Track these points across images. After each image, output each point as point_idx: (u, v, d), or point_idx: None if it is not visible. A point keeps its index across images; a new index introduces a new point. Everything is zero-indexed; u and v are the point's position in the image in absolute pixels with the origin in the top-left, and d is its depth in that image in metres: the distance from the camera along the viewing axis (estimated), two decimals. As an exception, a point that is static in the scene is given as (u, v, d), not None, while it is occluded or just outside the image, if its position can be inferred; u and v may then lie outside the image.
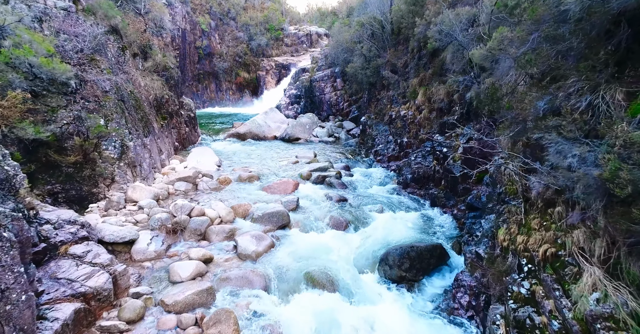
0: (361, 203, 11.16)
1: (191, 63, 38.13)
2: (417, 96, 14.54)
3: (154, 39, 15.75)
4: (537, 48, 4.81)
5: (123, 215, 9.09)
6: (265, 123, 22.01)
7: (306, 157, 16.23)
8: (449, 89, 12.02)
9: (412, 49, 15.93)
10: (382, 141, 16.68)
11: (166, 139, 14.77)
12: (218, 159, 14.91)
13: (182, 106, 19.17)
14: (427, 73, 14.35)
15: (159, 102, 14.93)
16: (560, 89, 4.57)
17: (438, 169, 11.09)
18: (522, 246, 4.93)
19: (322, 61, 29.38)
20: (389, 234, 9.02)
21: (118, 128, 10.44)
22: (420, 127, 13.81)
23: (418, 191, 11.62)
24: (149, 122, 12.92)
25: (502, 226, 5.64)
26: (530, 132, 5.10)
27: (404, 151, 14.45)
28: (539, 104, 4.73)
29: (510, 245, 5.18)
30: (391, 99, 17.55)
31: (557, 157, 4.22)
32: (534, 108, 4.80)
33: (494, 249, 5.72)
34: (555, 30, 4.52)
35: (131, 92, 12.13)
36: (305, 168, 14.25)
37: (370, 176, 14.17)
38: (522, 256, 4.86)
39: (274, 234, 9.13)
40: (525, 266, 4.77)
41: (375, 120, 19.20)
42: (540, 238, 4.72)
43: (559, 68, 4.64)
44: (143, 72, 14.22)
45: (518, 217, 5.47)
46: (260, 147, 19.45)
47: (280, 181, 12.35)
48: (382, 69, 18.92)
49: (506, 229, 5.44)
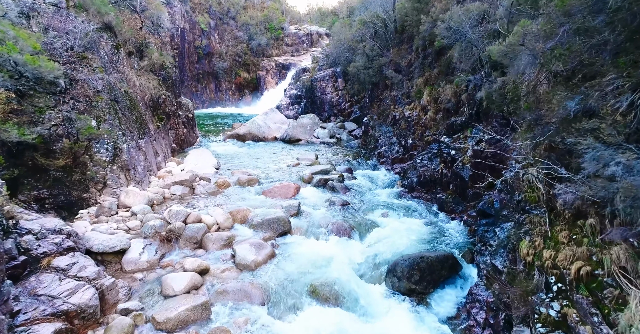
0: (365, 208, 10.67)
1: (190, 63, 37.68)
2: (423, 96, 14.05)
3: (150, 37, 15.28)
4: (567, 42, 4.31)
5: (115, 222, 8.61)
6: (265, 124, 21.53)
7: (307, 160, 15.74)
8: (457, 88, 11.54)
9: (417, 47, 15.44)
10: (386, 143, 16.20)
11: (163, 140, 14.28)
12: (216, 162, 14.42)
13: (180, 106, 18.69)
14: (433, 72, 13.87)
15: (156, 103, 14.46)
16: (595, 87, 4.07)
17: (446, 172, 10.60)
18: (549, 262, 4.43)
19: (323, 61, 28.90)
20: (395, 242, 8.53)
21: (111, 130, 9.96)
22: (426, 129, 13.33)
23: (425, 195, 11.13)
24: (145, 123, 12.44)
25: (524, 238, 5.14)
26: (557, 136, 4.61)
27: (409, 153, 13.96)
28: (568, 105, 4.24)
29: (535, 260, 4.69)
30: (395, 99, 17.06)
31: (594, 164, 3.73)
32: (563, 109, 4.31)
33: (516, 264, 5.22)
34: (588, 22, 4.02)
35: (125, 92, 11.65)
36: (307, 171, 13.77)
37: (374, 179, 13.67)
38: (551, 273, 4.36)
39: (274, 242, 8.65)
40: (554, 284, 4.28)
41: (378, 121, 18.71)
42: (571, 254, 4.23)
43: (593, 64, 4.14)
44: (138, 72, 13.74)
45: (542, 228, 4.98)
46: (260, 148, 18.97)
47: (280, 185, 11.87)
48: (385, 68, 18.43)
49: (530, 242, 4.95)
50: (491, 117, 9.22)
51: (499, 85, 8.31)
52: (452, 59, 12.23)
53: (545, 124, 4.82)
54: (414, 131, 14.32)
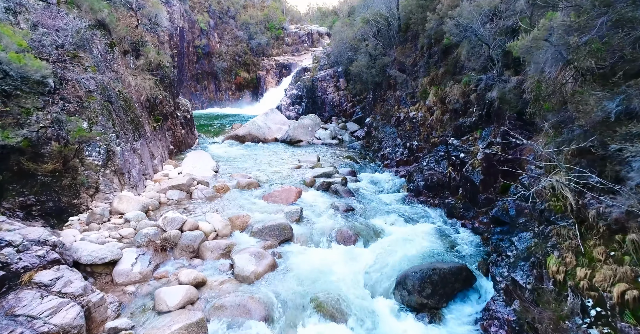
0: (370, 213, 10.19)
1: (189, 62, 37.22)
2: (428, 96, 13.59)
3: (147, 35, 14.81)
4: (606, 35, 3.83)
5: (107, 229, 8.13)
6: (266, 125, 21.06)
7: (309, 162, 15.27)
8: (465, 88, 11.07)
9: (422, 46, 14.98)
10: (390, 144, 15.72)
11: (159, 142, 13.81)
12: (215, 164, 13.95)
13: (178, 106, 18.22)
14: (439, 72, 13.39)
15: (152, 103, 13.99)
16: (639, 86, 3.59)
17: (454, 176, 10.12)
18: (585, 283, 3.96)
19: (324, 60, 28.43)
20: (403, 251, 8.05)
21: (103, 132, 9.49)
22: (432, 130, 12.86)
23: (432, 200, 10.65)
24: (140, 124, 11.97)
25: (551, 252, 4.66)
26: (591, 140, 4.13)
27: (414, 155, 13.48)
28: (608, 106, 3.76)
29: (567, 279, 4.21)
30: (399, 99, 16.59)
31: (644, 174, 3.25)
32: (601, 110, 3.83)
33: (542, 281, 4.75)
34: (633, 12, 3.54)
35: (120, 92, 11.18)
36: (309, 174, 13.29)
37: (379, 183, 13.20)
38: (587, 295, 3.88)
39: (275, 251, 8.17)
40: (592, 308, 3.80)
41: (381, 121, 18.24)
42: (611, 274, 3.75)
43: (636, 60, 3.66)
44: (134, 71, 13.27)
45: (572, 242, 4.50)
46: (260, 150, 18.49)
47: (282, 189, 11.39)
48: (389, 67, 17.97)
49: (559, 257, 4.47)
50: (503, 118, 8.75)
51: (513, 84, 7.84)
52: (459, 58, 11.77)
53: (577, 127, 4.34)
54: (419, 132, 13.85)
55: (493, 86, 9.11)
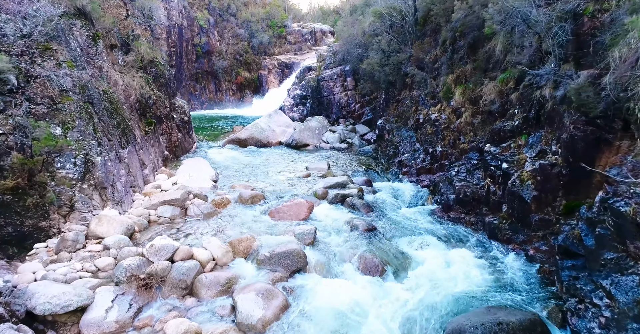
0: (395, 234, 8.69)
1: (188, 62, 35.77)
2: (453, 96, 12.07)
3: (138, 28, 13.33)
4: None
5: (80, 260, 6.63)
6: (269, 127, 19.56)
7: (319, 169, 13.77)
8: (503, 87, 9.56)
9: (444, 40, 13.46)
10: (408, 150, 14.21)
11: (152, 148, 12.31)
12: (214, 173, 12.44)
13: (174, 108, 16.72)
14: (466, 68, 11.88)
15: (144, 105, 12.49)
16: None
17: (494, 189, 8.61)
18: None
19: (330, 59, 26.94)
20: (446, 286, 6.55)
21: (81, 138, 8.00)
22: (460, 134, 11.34)
23: (466, 217, 9.14)
24: (129, 129, 10.48)
25: None
26: None
27: (439, 163, 11.97)
28: None
29: None
30: (416, 99, 15.09)
31: None
32: None
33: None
34: None
35: (104, 92, 9.69)
36: (320, 184, 11.78)
37: (399, 194, 11.69)
38: None
39: (286, 286, 6.67)
40: None
41: (395, 124, 16.74)
42: None
43: None
44: (123, 68, 11.78)
45: None
46: (263, 155, 16.99)
47: (290, 203, 9.89)
48: (404, 65, 16.47)
49: None
50: (560, 121, 7.23)
51: (583, 80, 6.32)
52: (493, 52, 10.25)
53: None
54: (442, 137, 12.34)
55: (546, 82, 7.60)
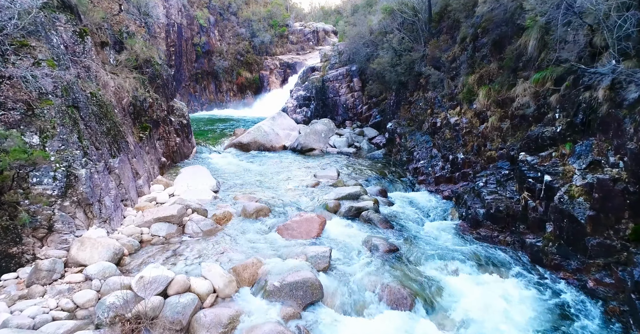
0: (420, 256, 7.64)
1: (188, 62, 34.80)
2: (477, 98, 11.03)
3: (132, 24, 12.30)
4: None
5: (55, 294, 5.59)
6: (273, 131, 18.53)
7: (328, 177, 12.73)
8: (539, 87, 8.53)
9: (464, 37, 12.44)
10: (424, 156, 13.17)
11: (147, 156, 11.28)
12: (215, 182, 11.40)
13: (172, 110, 15.71)
14: (491, 67, 10.85)
15: (139, 108, 11.46)
16: None
17: (534, 205, 7.56)
18: None
19: (335, 58, 25.90)
20: (489, 325, 5.51)
21: (63, 148, 6.98)
22: (486, 140, 10.31)
23: (500, 236, 8.09)
24: (121, 135, 9.46)
25: None
26: None
27: (461, 172, 10.92)
28: None
29: None
30: (432, 102, 14.05)
31: None
32: None
33: None
34: None
35: (92, 95, 8.67)
36: (331, 194, 10.74)
37: (418, 206, 10.65)
38: None
39: (300, 325, 5.63)
40: None
41: (408, 127, 15.70)
42: None
43: None
44: (115, 68, 10.76)
45: None
46: (267, 161, 15.96)
47: (300, 218, 8.85)
48: (418, 65, 15.44)
49: None
50: (618, 129, 6.19)
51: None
52: (525, 49, 9.22)
53: None
54: (464, 143, 11.30)
55: (599, 83, 6.56)
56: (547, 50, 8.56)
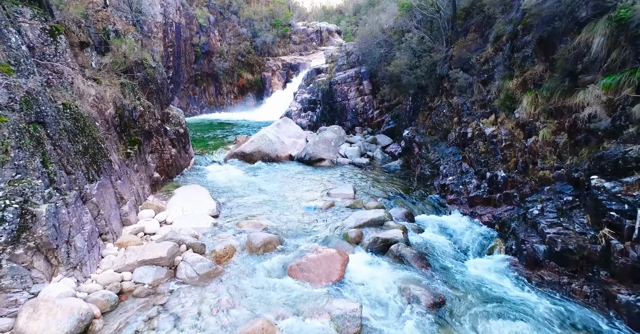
0: (475, 313, 6.04)
1: (187, 63, 33.25)
2: (519, 106, 9.44)
3: (120, 22, 10.72)
4: None
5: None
6: (278, 139, 16.95)
7: (343, 196, 11.15)
8: (613, 95, 6.94)
9: (499, 35, 10.85)
10: (452, 171, 11.57)
11: (136, 175, 9.69)
12: (215, 205, 9.80)
13: (168, 118, 14.15)
14: (536, 70, 9.26)
15: (127, 119, 9.90)
16: None
17: (621, 247, 5.96)
18: None
19: (343, 59, 24.33)
20: None
21: (19, 178, 5.44)
22: (536, 157, 8.70)
23: (572, 284, 6.47)
24: (102, 154, 7.88)
25: None
26: None
27: (503, 193, 9.32)
28: None
29: None
30: (458, 108, 12.46)
31: None
32: None
33: None
34: None
35: (65, 107, 7.11)
36: (350, 219, 9.16)
37: (453, 234, 9.05)
38: None
39: None
40: None
41: (429, 136, 14.11)
42: None
43: None
44: (98, 73, 9.18)
45: None
46: (273, 174, 14.38)
47: (317, 255, 7.27)
48: (440, 67, 13.86)
49: None
50: None
51: None
52: (586, 48, 7.63)
53: None
54: (504, 158, 9.70)
55: None
56: (620, 49, 6.98)
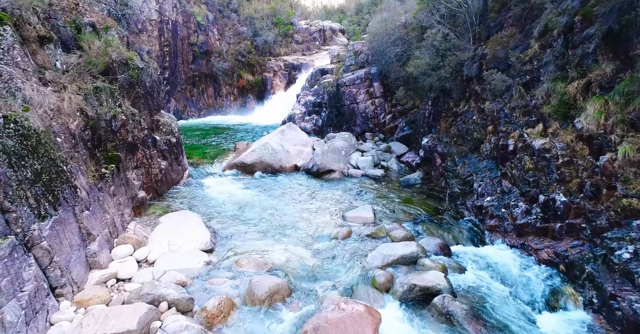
0: None
1: (184, 63, 31.53)
2: (585, 113, 7.68)
3: (93, 13, 8.98)
4: None
5: None
6: (282, 148, 15.20)
7: (362, 220, 9.41)
8: None
9: (549, 29, 9.11)
10: (490, 190, 9.82)
11: (112, 200, 7.93)
12: (208, 236, 8.03)
13: (158, 127, 12.43)
14: (606, 69, 7.52)
15: (103, 130, 8.16)
16: None
17: None
18: None
19: (351, 59, 22.58)
20: None
21: None
22: (613, 180, 6.94)
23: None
24: (63, 179, 6.15)
25: None
26: None
27: (565, 223, 7.56)
28: None
29: None
30: (493, 115, 10.71)
31: None
32: None
33: None
34: None
35: (8, 121, 5.39)
36: (375, 256, 7.42)
37: (504, 275, 7.28)
38: None
39: None
40: None
41: (455, 146, 12.37)
42: None
43: None
44: (63, 75, 7.43)
45: None
46: (277, 189, 12.63)
47: (340, 314, 5.53)
48: (468, 67, 12.12)
49: None
50: None
51: None
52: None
53: None
54: (561, 178, 7.94)
55: None
56: None
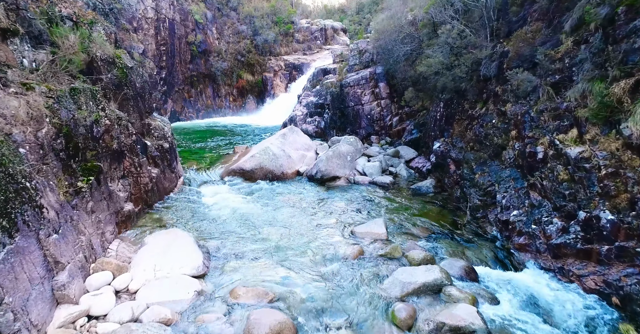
0: None
1: (182, 62, 30.54)
2: (633, 118, 6.68)
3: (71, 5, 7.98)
4: None
5: None
6: (284, 152, 14.19)
7: (373, 236, 8.40)
8: None
9: (584, 22, 8.12)
10: (516, 202, 8.81)
11: (90, 218, 6.91)
12: (200, 259, 7.00)
13: (149, 131, 11.43)
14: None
15: (82, 137, 7.14)
16: None
17: None
18: None
19: (355, 59, 21.57)
20: None
21: None
22: (669, 198, 5.94)
23: None
24: (22, 199, 5.14)
25: None
26: None
27: (615, 246, 6.54)
28: None
29: None
30: (517, 118, 9.70)
31: None
32: None
33: None
34: None
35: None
36: (392, 283, 6.41)
37: (541, 306, 6.26)
38: None
39: None
40: None
41: (472, 153, 11.36)
42: None
43: None
44: (32, 75, 6.42)
45: None
46: (279, 198, 11.62)
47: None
48: (486, 66, 11.11)
49: None
50: None
51: None
52: None
53: None
54: (605, 191, 6.93)
55: None
56: None
